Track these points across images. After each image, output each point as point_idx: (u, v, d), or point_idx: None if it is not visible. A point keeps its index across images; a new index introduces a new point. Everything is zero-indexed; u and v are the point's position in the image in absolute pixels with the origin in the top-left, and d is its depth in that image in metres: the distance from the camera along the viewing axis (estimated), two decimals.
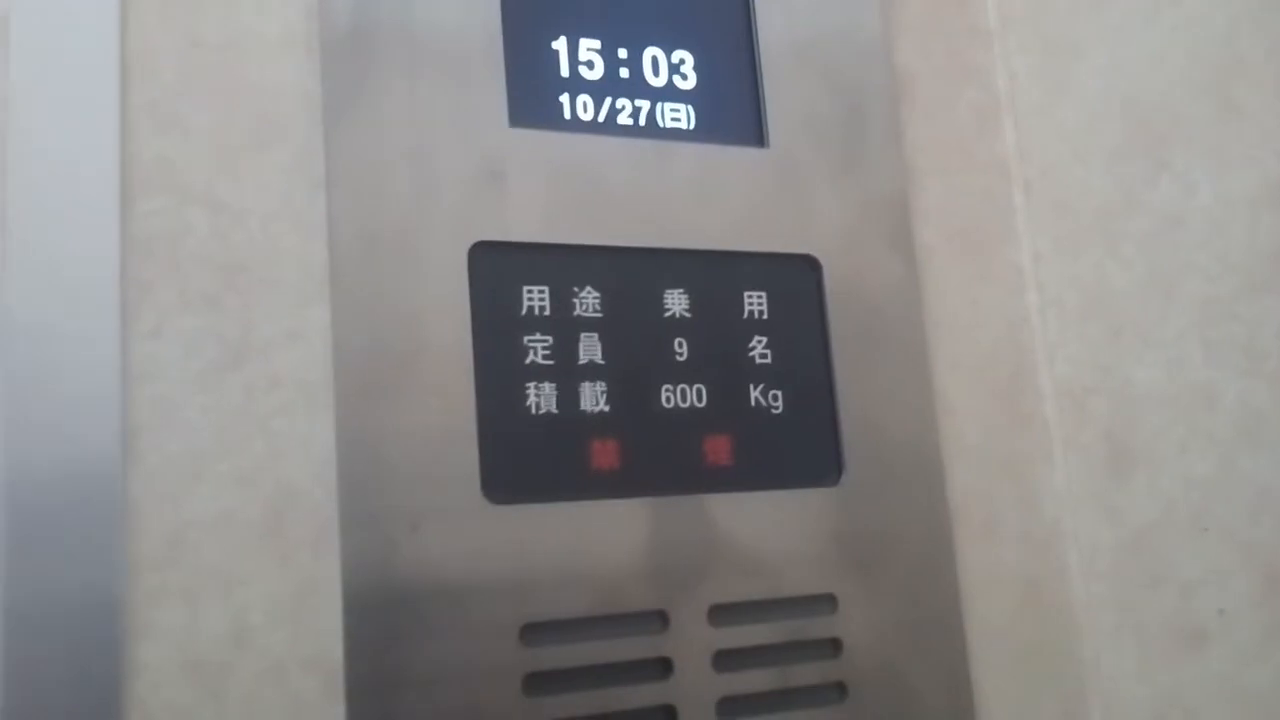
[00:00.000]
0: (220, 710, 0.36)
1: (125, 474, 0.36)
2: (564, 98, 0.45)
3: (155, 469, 0.37)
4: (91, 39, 0.39)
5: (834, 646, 0.44)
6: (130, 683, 0.35)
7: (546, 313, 0.43)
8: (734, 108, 0.48)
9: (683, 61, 0.47)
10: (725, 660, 0.42)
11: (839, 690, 0.44)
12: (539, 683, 0.39)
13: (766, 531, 0.44)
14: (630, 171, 0.45)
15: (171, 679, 0.36)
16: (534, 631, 0.40)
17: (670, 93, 0.47)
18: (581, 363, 0.43)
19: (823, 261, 0.48)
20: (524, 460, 0.41)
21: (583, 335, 0.43)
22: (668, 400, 0.44)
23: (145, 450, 0.37)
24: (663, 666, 0.42)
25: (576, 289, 0.43)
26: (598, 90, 0.45)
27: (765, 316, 0.46)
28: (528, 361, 0.42)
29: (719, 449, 0.44)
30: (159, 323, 0.38)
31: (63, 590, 0.35)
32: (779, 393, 0.46)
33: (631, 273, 0.44)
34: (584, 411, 0.42)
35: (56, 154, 0.38)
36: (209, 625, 0.36)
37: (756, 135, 0.48)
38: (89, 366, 0.37)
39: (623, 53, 0.46)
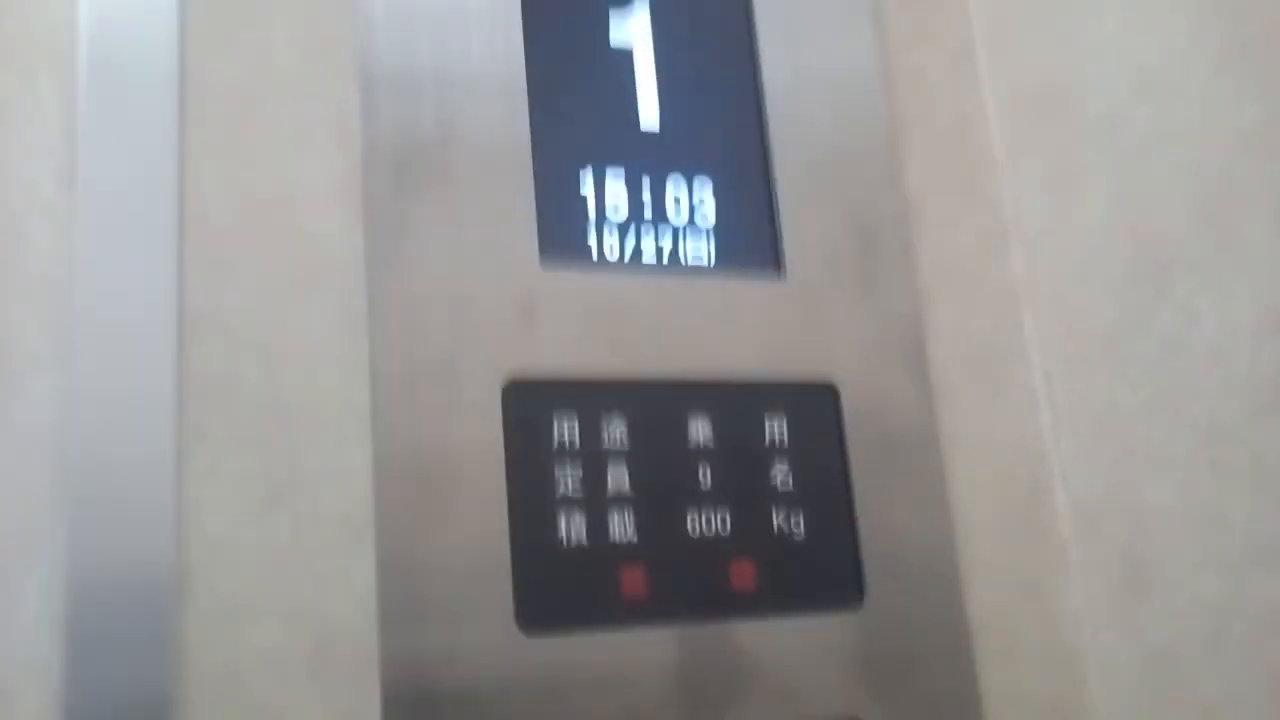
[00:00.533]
0: None
1: (180, 610, 0.38)
2: (592, 239, 0.47)
3: (207, 606, 0.38)
4: (150, 185, 0.41)
5: None
6: None
7: (577, 445, 0.44)
8: (752, 238, 0.50)
9: (703, 200, 0.49)
10: None
11: None
12: None
13: (791, 656, 0.45)
14: (655, 306, 0.47)
15: None
16: None
17: (692, 229, 0.49)
18: (610, 493, 0.44)
19: (841, 387, 0.49)
20: (556, 590, 0.42)
21: (611, 465, 0.45)
22: (693, 528, 0.45)
23: (198, 587, 0.38)
24: None
25: (605, 421, 0.45)
26: (624, 228, 0.48)
27: (786, 443, 0.48)
28: (559, 494, 0.43)
29: (744, 574, 0.46)
30: (212, 463, 0.40)
31: None
32: (801, 517, 0.47)
33: (657, 403, 0.46)
34: (613, 541, 0.44)
35: (118, 297, 0.40)
36: None
37: (774, 265, 0.50)
38: (145, 504, 0.38)
39: (646, 188, 0.48)
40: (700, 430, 0.46)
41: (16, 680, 0.36)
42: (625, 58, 0.50)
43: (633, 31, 0.50)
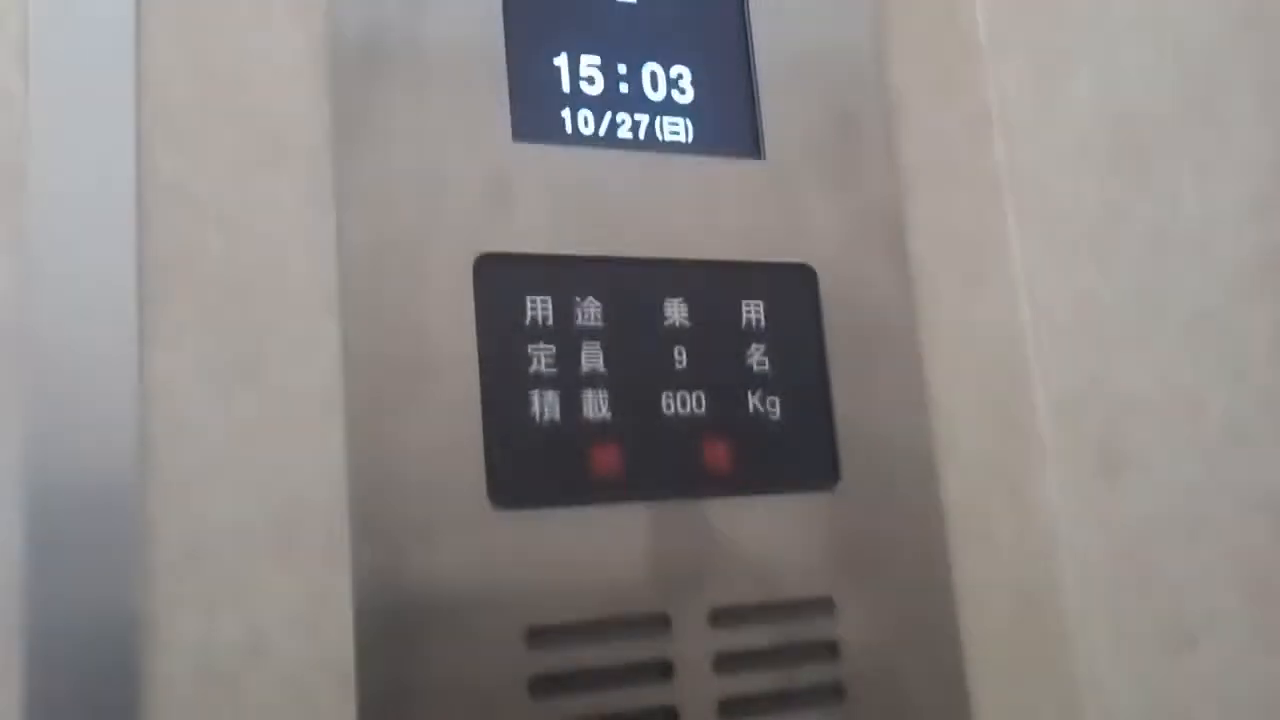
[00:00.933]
0: (237, 717, 0.37)
1: (143, 486, 0.37)
2: (565, 112, 0.46)
3: (171, 481, 0.38)
4: (107, 61, 0.40)
5: (832, 649, 0.45)
6: (147, 692, 0.36)
7: (550, 323, 0.44)
8: (731, 120, 0.49)
9: (681, 76, 0.48)
10: (726, 663, 0.43)
11: (837, 692, 0.45)
12: (544, 686, 0.40)
13: (765, 536, 0.45)
14: (630, 184, 0.46)
15: (187, 688, 0.37)
16: (539, 635, 0.41)
17: (669, 106, 0.48)
18: (584, 371, 0.44)
19: (818, 271, 0.49)
20: (529, 467, 0.42)
21: (585, 344, 0.44)
22: (668, 407, 0.45)
23: (161, 463, 0.38)
24: (665, 669, 0.43)
25: (579, 299, 0.44)
26: (598, 105, 0.46)
27: (763, 325, 0.47)
28: (532, 371, 0.43)
29: (718, 455, 0.45)
30: (175, 338, 0.39)
31: (80, 601, 0.36)
32: (776, 399, 0.47)
33: (632, 283, 0.45)
34: (587, 419, 0.43)
35: (75, 174, 0.39)
36: (225, 634, 0.37)
37: (753, 147, 0.49)
38: (106, 381, 0.38)
39: (622, 68, 0.47)
40: (676, 310, 0.46)
41: None
42: None
43: None
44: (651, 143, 0.47)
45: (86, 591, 0.36)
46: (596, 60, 0.47)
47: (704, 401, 0.45)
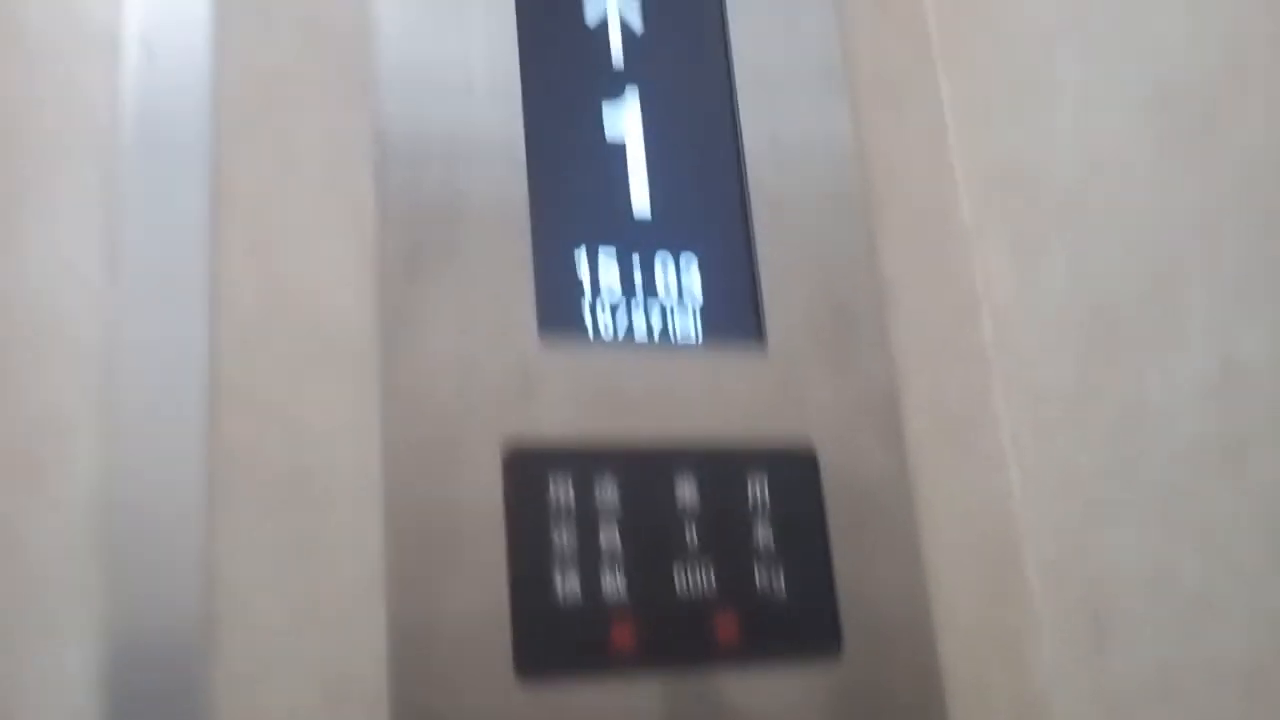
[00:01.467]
0: None
1: (207, 668, 0.41)
2: (586, 311, 0.51)
3: (232, 664, 0.42)
4: (186, 271, 0.45)
5: None
6: None
7: (572, 507, 0.48)
8: (737, 314, 0.54)
9: (690, 276, 0.53)
10: None
11: None
12: None
13: (772, 705, 0.48)
14: (646, 378, 0.51)
15: None
16: None
17: (680, 305, 0.53)
18: (603, 551, 0.48)
19: (819, 451, 0.53)
20: (551, 642, 0.46)
21: (603, 526, 0.48)
22: (681, 583, 0.49)
23: (226, 655, 0.42)
24: None
25: (598, 485, 0.49)
26: (617, 304, 0.52)
27: (767, 504, 0.51)
28: (555, 553, 0.47)
29: (728, 628, 0.49)
30: (237, 528, 0.43)
31: None
32: (782, 574, 0.50)
33: (646, 468, 0.49)
34: (605, 597, 0.47)
35: (155, 373, 0.44)
36: None
37: (757, 337, 0.54)
38: (177, 567, 0.42)
39: (638, 270, 0.52)
40: (687, 492, 0.50)
41: None
42: (619, 150, 0.54)
43: (625, 124, 0.54)
44: (665, 340, 0.52)
45: None
46: (614, 262, 0.52)
47: (714, 577, 0.49)
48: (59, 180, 0.45)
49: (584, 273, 0.52)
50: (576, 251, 0.52)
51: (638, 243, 0.53)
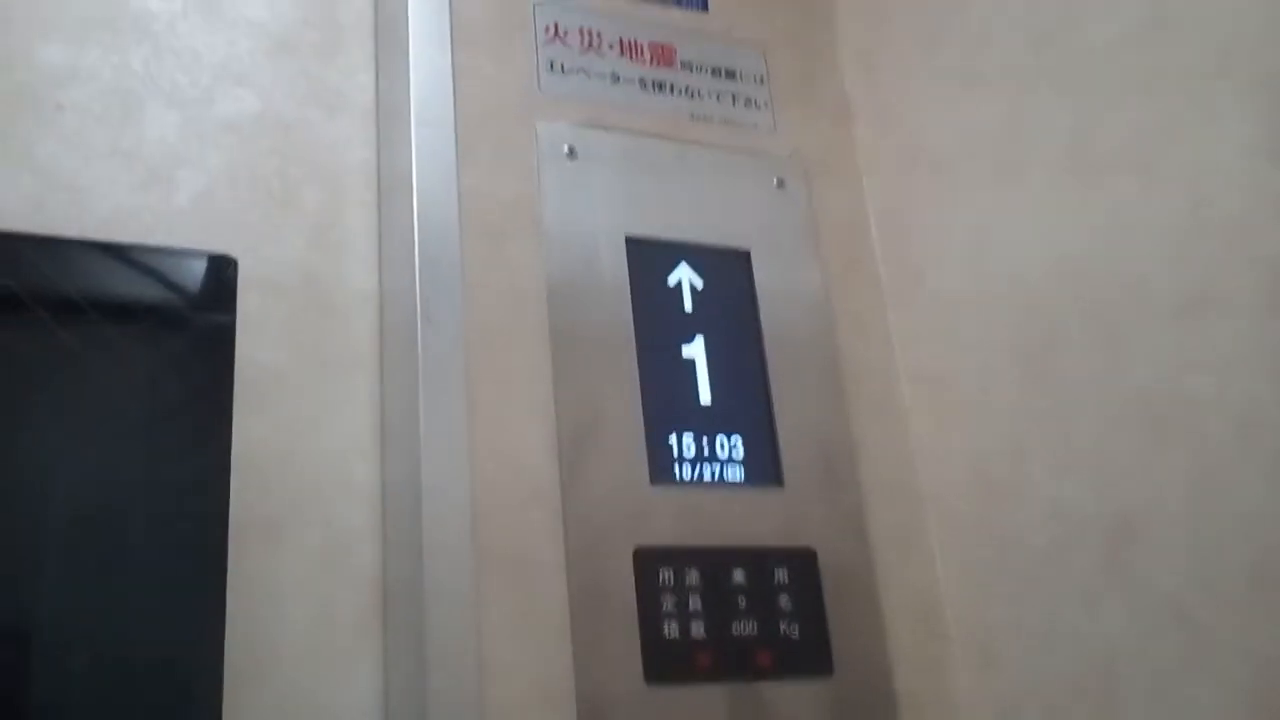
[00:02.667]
0: None
1: None
2: (675, 467, 0.85)
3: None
4: (452, 442, 0.79)
5: None
6: None
7: (671, 584, 0.81)
8: (765, 465, 0.88)
9: (736, 444, 0.88)
10: None
11: None
12: None
13: (791, 706, 0.81)
14: (713, 507, 0.85)
15: None
16: None
17: (730, 461, 0.87)
18: (690, 610, 0.81)
19: (818, 551, 0.86)
20: (664, 663, 0.79)
21: (690, 596, 0.81)
22: (736, 630, 0.82)
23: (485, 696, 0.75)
24: None
25: (686, 571, 0.82)
26: (692, 463, 0.86)
27: (786, 582, 0.85)
28: (663, 611, 0.80)
29: (764, 658, 0.82)
30: (491, 601, 0.77)
31: None
32: (797, 626, 0.83)
33: (716, 562, 0.83)
34: (692, 638, 0.80)
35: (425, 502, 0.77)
36: None
37: (778, 480, 0.88)
38: (446, 632, 0.75)
39: (705, 440, 0.87)
40: (738, 576, 0.83)
41: None
42: (691, 365, 0.89)
43: (695, 351, 0.89)
44: (721, 483, 0.86)
45: None
46: (691, 437, 0.87)
47: (756, 627, 0.82)
48: (339, 392, 0.80)
49: (674, 444, 0.86)
50: (668, 431, 0.86)
51: (705, 426, 0.88)
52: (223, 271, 0.81)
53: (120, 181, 0.84)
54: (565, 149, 0.91)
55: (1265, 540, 0.66)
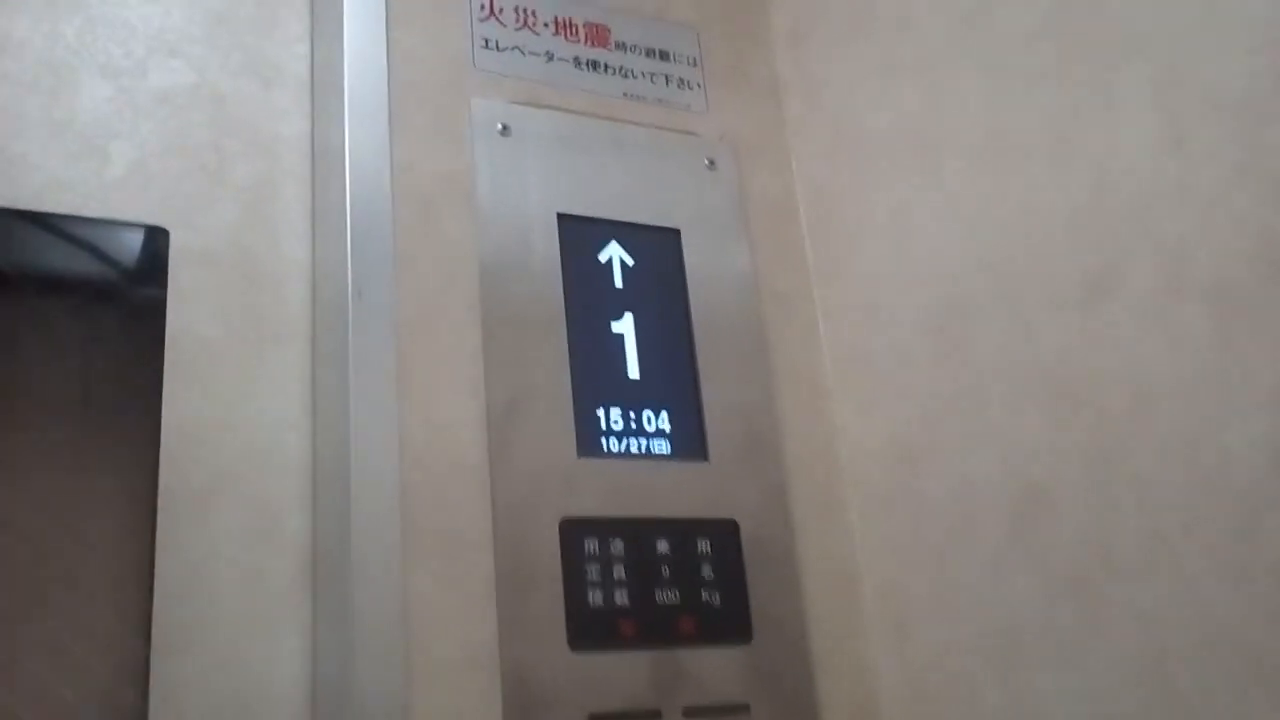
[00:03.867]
0: None
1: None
2: (603, 439, 0.87)
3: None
4: (383, 416, 0.81)
5: (746, 716, 0.83)
6: None
7: (596, 553, 0.83)
8: (692, 441, 0.90)
9: (663, 418, 0.90)
10: None
11: None
12: None
13: (712, 670, 0.84)
14: (639, 478, 0.87)
15: None
16: (596, 714, 0.79)
17: (657, 435, 0.89)
18: (614, 579, 0.83)
19: (740, 522, 0.89)
20: (588, 629, 0.81)
21: (614, 565, 0.84)
22: (660, 598, 0.84)
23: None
24: None
25: (611, 541, 0.84)
26: (620, 435, 0.88)
27: (709, 553, 0.87)
28: (588, 580, 0.82)
29: (688, 625, 0.84)
30: (421, 567, 0.78)
31: None
32: (718, 594, 0.86)
33: (640, 533, 0.85)
34: (616, 605, 0.83)
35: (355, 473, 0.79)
36: None
37: (703, 454, 0.90)
38: (374, 596, 0.77)
39: (632, 414, 0.89)
40: (662, 547, 0.86)
41: None
42: (620, 339, 0.91)
43: (624, 327, 0.91)
44: (648, 456, 0.88)
45: None
46: (619, 411, 0.89)
47: (679, 595, 0.85)
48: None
49: (601, 416, 0.88)
50: (596, 404, 0.88)
51: (633, 399, 0.90)
52: (155, 243, 0.82)
53: (53, 152, 0.84)
54: (499, 126, 0.92)
55: (1157, 508, 0.69)
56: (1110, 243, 0.74)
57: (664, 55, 1.02)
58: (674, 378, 0.92)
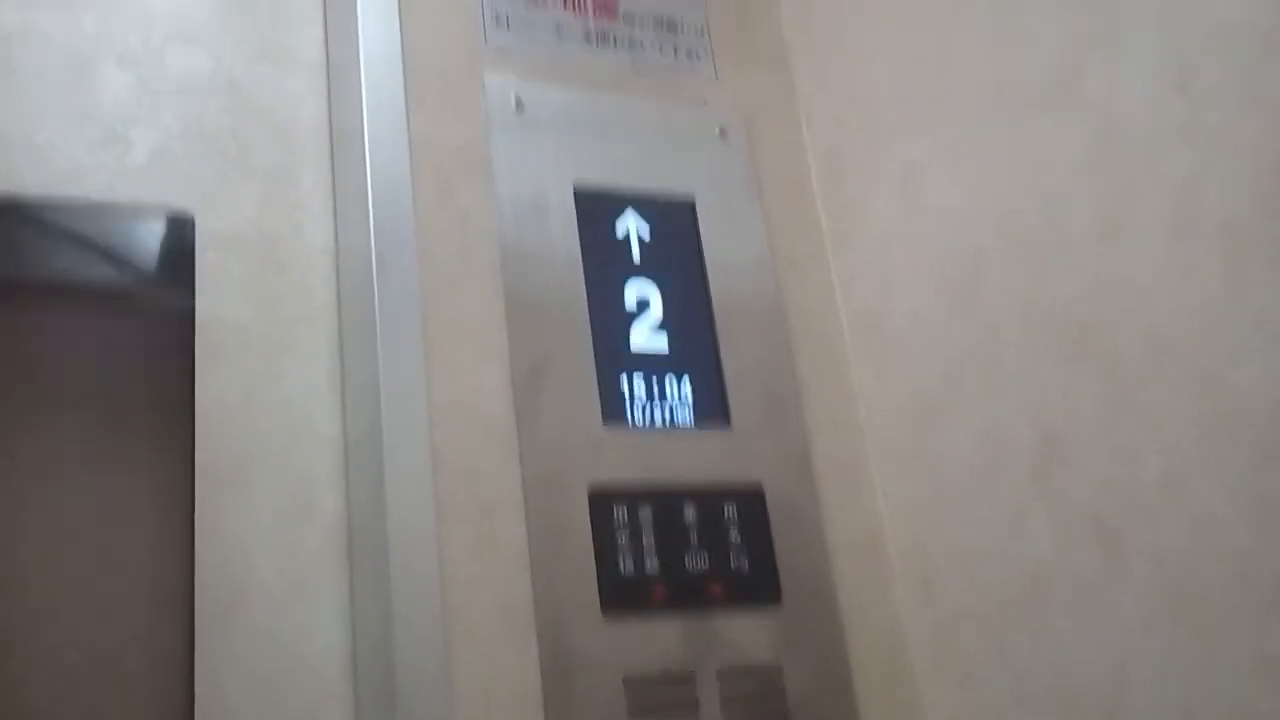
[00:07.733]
0: None
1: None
2: (628, 409, 0.88)
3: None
4: (414, 386, 0.82)
5: (779, 679, 0.84)
6: None
7: (625, 521, 0.85)
8: (714, 409, 0.92)
9: (686, 388, 0.91)
10: (728, 703, 0.82)
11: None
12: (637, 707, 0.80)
13: (742, 633, 0.85)
14: (665, 447, 0.88)
15: None
16: (631, 677, 0.80)
17: (680, 404, 0.91)
18: (644, 545, 0.84)
19: (765, 489, 0.90)
20: (620, 595, 0.82)
21: (644, 533, 0.85)
22: (689, 564, 0.85)
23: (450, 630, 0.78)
24: (695, 704, 0.82)
25: (640, 508, 0.85)
26: (644, 405, 0.89)
27: (736, 518, 0.88)
28: (619, 545, 0.84)
29: (716, 589, 0.86)
30: (453, 532, 0.79)
31: None
32: (746, 560, 0.87)
33: (668, 500, 0.86)
34: (646, 572, 0.84)
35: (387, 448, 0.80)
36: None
37: (725, 421, 0.91)
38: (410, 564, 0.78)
39: (656, 385, 0.90)
40: (690, 513, 0.87)
41: None
42: (640, 308, 0.92)
43: (644, 295, 0.92)
44: (673, 425, 0.89)
45: None
46: (641, 379, 0.90)
47: (708, 561, 0.86)
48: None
49: (625, 388, 0.89)
50: (620, 374, 0.89)
51: (657, 369, 0.91)
52: (181, 227, 0.83)
53: (75, 141, 0.85)
54: (513, 101, 0.93)
55: (1174, 448, 0.70)
56: (1119, 185, 0.75)
57: (671, 25, 1.03)
58: (694, 346, 0.93)
